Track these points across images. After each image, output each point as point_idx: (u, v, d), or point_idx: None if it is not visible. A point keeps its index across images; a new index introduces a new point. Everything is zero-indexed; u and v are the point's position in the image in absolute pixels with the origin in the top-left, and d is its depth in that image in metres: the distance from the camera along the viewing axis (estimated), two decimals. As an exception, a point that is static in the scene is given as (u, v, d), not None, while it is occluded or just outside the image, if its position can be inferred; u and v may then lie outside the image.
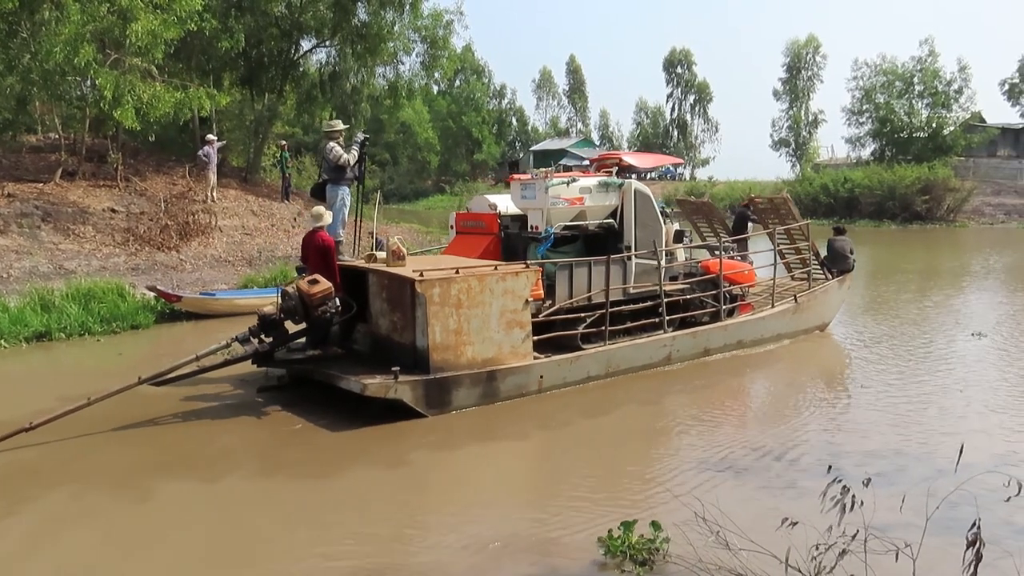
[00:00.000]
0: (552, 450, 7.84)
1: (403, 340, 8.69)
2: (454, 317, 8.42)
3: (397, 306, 8.81)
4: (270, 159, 27.11)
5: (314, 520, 5.92)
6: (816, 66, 67.04)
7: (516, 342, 8.91)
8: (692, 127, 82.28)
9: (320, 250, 9.06)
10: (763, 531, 4.84)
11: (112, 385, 7.99)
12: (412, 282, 8.30)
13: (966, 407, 8.73)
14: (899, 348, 11.93)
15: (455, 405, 8.49)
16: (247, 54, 23.99)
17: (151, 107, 16.13)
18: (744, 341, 11.54)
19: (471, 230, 11.37)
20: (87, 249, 15.99)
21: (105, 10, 15.44)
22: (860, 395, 9.44)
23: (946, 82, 49.89)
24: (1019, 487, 3.58)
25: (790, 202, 13.73)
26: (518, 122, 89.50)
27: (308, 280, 8.52)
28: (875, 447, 7.40)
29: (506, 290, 8.77)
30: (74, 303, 12.73)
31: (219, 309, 14.11)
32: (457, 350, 8.47)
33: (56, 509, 6.20)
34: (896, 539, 4.00)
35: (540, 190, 10.33)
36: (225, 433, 8.07)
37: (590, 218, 10.70)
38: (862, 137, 53.40)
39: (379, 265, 9.18)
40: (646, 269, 10.62)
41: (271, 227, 20.25)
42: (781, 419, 8.60)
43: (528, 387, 9.06)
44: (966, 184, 44.42)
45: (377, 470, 7.12)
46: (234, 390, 9.58)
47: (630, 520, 5.28)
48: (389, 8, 24.28)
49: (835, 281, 13.25)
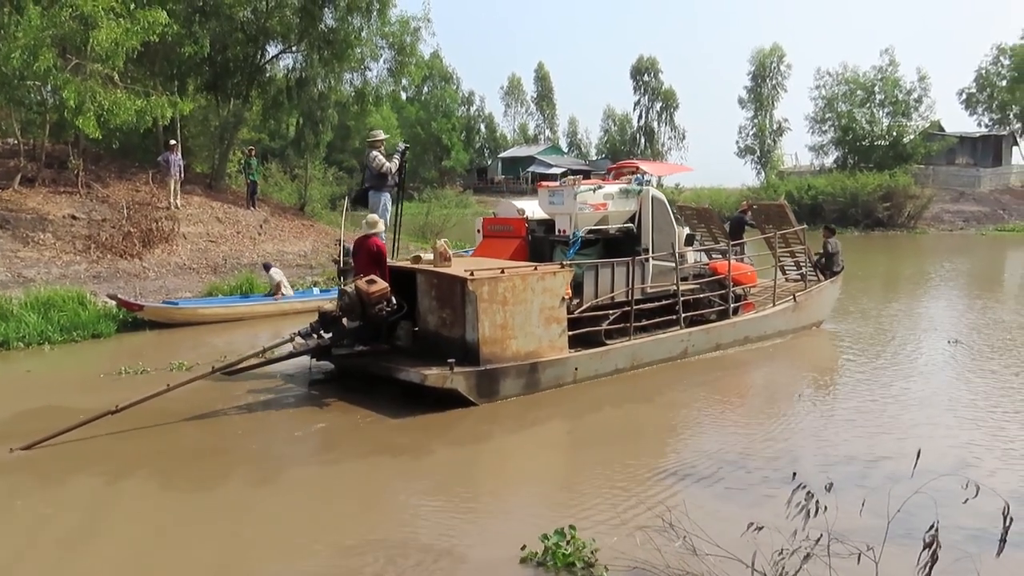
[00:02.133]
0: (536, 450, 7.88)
1: (452, 335, 9.30)
2: (500, 313, 9.12)
3: (447, 303, 9.42)
4: (236, 165, 26.79)
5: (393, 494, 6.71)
6: (780, 75, 68.00)
7: (554, 336, 9.66)
8: (659, 134, 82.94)
9: (372, 254, 9.73)
10: (730, 536, 4.88)
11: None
12: (464, 281, 8.98)
13: (935, 413, 8.84)
14: (879, 354, 12.23)
15: (502, 394, 9.17)
16: (212, 59, 23.69)
17: (112, 114, 15.85)
18: (750, 337, 12.42)
19: (499, 234, 12.01)
20: (47, 257, 15.68)
21: (67, 16, 15.18)
22: (836, 400, 9.68)
23: (906, 91, 50.90)
24: (976, 489, 3.65)
25: (787, 208, 14.49)
26: (487, 129, 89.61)
27: (366, 280, 9.09)
28: (844, 452, 7.49)
29: (545, 288, 9.52)
30: (33, 312, 12.48)
31: (182, 318, 13.91)
32: (503, 343, 9.17)
33: (147, 491, 6.63)
34: (859, 543, 4.06)
35: (568, 196, 11.01)
36: (299, 422, 8.65)
37: (612, 222, 11.41)
38: (825, 145, 54.22)
39: (427, 266, 9.81)
40: (662, 270, 11.39)
41: (237, 234, 20.02)
42: (760, 421, 8.74)
43: (564, 378, 9.80)
44: (926, 191, 45.37)
45: (450, 451, 7.85)
46: (285, 384, 10.14)
47: (560, 528, 5.23)
48: (356, 14, 24.13)
49: (828, 281, 14.13)
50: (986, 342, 12.77)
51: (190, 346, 12.41)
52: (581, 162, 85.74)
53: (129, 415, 7.92)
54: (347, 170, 59.14)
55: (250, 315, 14.68)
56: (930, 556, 3.45)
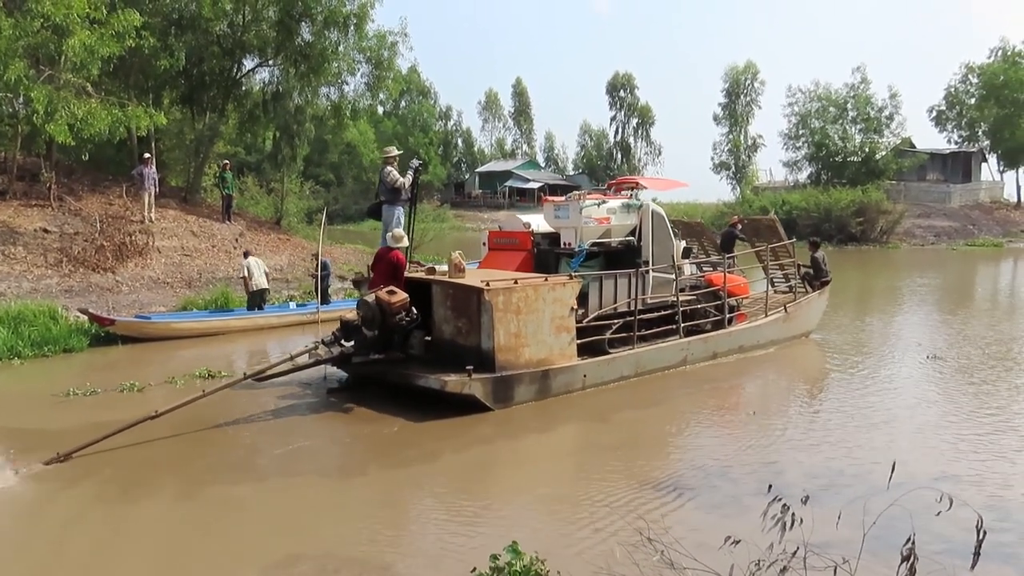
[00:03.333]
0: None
1: (468, 343, 9.62)
2: (514, 322, 9.45)
3: (463, 313, 9.74)
4: (211, 179, 26.60)
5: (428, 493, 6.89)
6: (754, 92, 68.95)
7: (564, 344, 10.03)
8: (635, 149, 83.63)
9: (392, 266, 10.11)
10: (708, 550, 4.88)
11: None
12: (480, 291, 9.30)
13: (913, 427, 8.92)
14: (860, 366, 12.38)
15: (516, 400, 9.50)
16: (188, 72, 23.58)
17: (85, 123, 15.68)
18: (744, 346, 12.89)
19: (504, 247, 12.41)
20: (17, 271, 15.46)
21: (39, 25, 15.03)
22: (820, 412, 9.80)
23: (877, 108, 51.76)
24: (950, 502, 3.68)
25: (777, 223, 15.21)
26: (464, 144, 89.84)
27: (387, 291, 9.37)
28: (824, 464, 7.54)
29: (555, 298, 9.89)
30: (2, 326, 12.27)
31: (155, 333, 13.73)
32: (517, 351, 9.50)
33: (172, 495, 6.82)
34: (836, 555, 4.08)
35: (574, 210, 11.49)
36: (321, 428, 8.93)
37: (614, 236, 11.91)
38: (799, 161, 54.97)
39: (442, 277, 10.20)
40: (661, 282, 11.88)
41: (212, 248, 19.86)
42: (747, 432, 8.81)
43: (574, 385, 10.15)
44: (898, 207, 46.11)
45: (454, 457, 8.05)
46: (304, 391, 10.43)
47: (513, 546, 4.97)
48: (333, 28, 24.15)
49: (816, 293, 14.68)
50: (964, 357, 12.87)
51: (161, 361, 12.25)
52: (558, 177, 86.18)
53: (161, 420, 8.10)
54: (324, 184, 59.17)
55: (224, 330, 14.52)
56: (908, 569, 3.47)
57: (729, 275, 13.06)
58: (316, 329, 14.75)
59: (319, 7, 23.47)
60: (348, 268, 21.57)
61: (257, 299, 15.48)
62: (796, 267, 14.86)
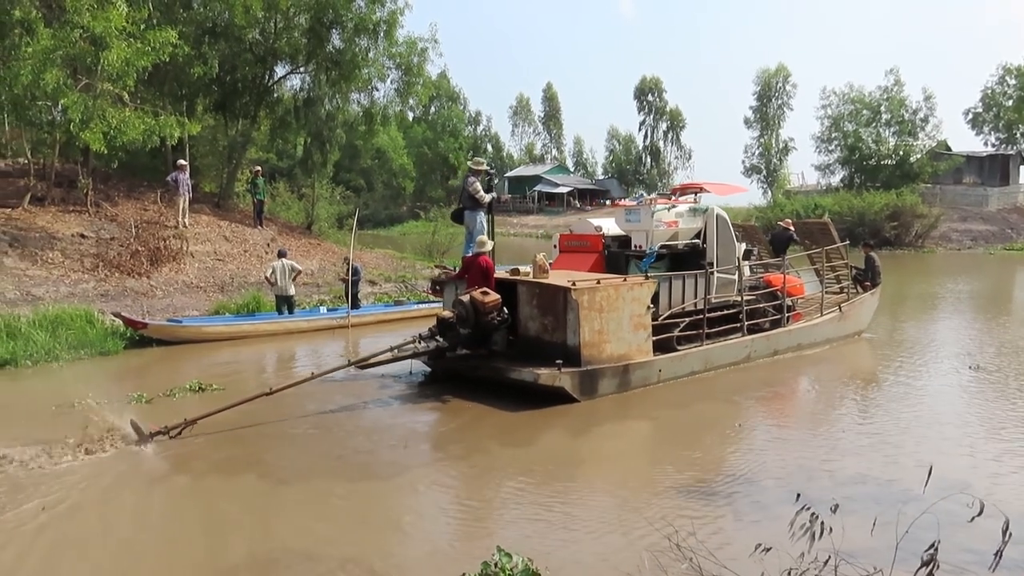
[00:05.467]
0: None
1: (554, 339, 10.17)
2: (598, 320, 9.99)
3: (548, 311, 10.32)
4: (243, 185, 26.92)
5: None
6: (786, 94, 68.41)
7: (641, 341, 10.57)
8: (665, 154, 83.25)
9: (482, 270, 10.78)
10: (738, 557, 4.83)
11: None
12: (567, 291, 9.86)
13: (950, 436, 8.70)
14: (903, 370, 12.30)
15: (600, 392, 10.05)
16: (221, 80, 23.90)
17: (119, 132, 15.97)
18: (802, 344, 13.41)
19: (576, 249, 12.99)
20: (55, 275, 15.76)
21: (77, 36, 15.34)
22: (864, 415, 9.78)
23: (912, 111, 51.06)
24: (981, 507, 3.59)
25: (830, 225, 15.79)
26: (493, 148, 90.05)
27: (481, 291, 10.05)
28: (861, 471, 7.41)
29: (634, 298, 10.43)
30: (41, 330, 12.48)
31: (186, 336, 13.92)
32: (600, 347, 10.05)
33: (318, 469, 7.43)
34: (867, 564, 4.02)
35: (646, 215, 12.23)
36: (420, 416, 9.67)
37: (681, 239, 12.42)
38: (831, 164, 54.43)
39: (527, 277, 10.77)
40: (724, 282, 12.35)
41: (244, 253, 20.10)
42: (788, 437, 8.78)
43: (650, 379, 10.72)
44: (933, 210, 45.32)
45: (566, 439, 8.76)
46: (394, 382, 11.14)
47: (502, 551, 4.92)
48: (363, 35, 24.32)
49: (868, 293, 15.27)
50: (1007, 367, 12.50)
51: (192, 364, 12.43)
52: (587, 181, 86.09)
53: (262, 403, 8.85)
54: (354, 189, 59.56)
55: (253, 333, 14.70)
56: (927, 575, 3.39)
57: (790, 276, 13.58)
58: (346, 333, 14.95)
59: (349, 14, 23.67)
60: (378, 273, 21.71)
61: (284, 303, 15.64)
62: (848, 268, 15.38)
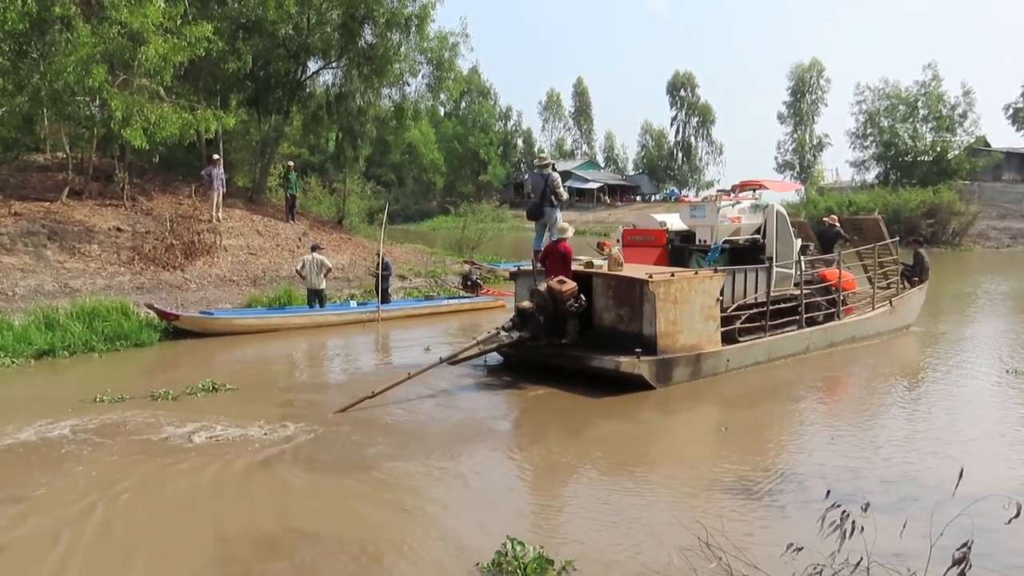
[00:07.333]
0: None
1: (629, 330, 10.51)
2: (673, 311, 10.35)
3: (624, 302, 10.66)
4: (276, 179, 27.21)
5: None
6: (820, 89, 67.69)
7: (711, 331, 10.96)
8: (696, 149, 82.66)
9: (562, 256, 10.84)
10: (768, 557, 4.79)
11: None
12: (643, 282, 10.21)
13: (991, 435, 8.49)
14: (942, 371, 12.15)
15: (674, 380, 10.41)
16: (254, 75, 24.17)
17: (158, 127, 16.22)
18: (856, 337, 13.77)
19: (640, 243, 13.22)
20: (92, 268, 16.06)
21: (115, 32, 15.59)
22: (910, 409, 9.74)
23: (950, 106, 50.11)
24: (1018, 508, 3.50)
25: (880, 222, 16.19)
26: (524, 143, 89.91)
27: (557, 280, 10.22)
28: (903, 470, 7.27)
29: (704, 290, 10.77)
30: (78, 321, 12.71)
31: (217, 328, 14.10)
32: (674, 337, 10.41)
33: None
34: (901, 566, 3.96)
35: (711, 211, 12.62)
36: (515, 402, 9.99)
37: (743, 234, 12.85)
38: (866, 160, 53.63)
39: (603, 269, 11.03)
40: (782, 276, 12.63)
41: (276, 247, 20.32)
42: (833, 432, 8.66)
43: (719, 368, 11.06)
44: (971, 208, 44.45)
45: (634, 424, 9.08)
46: (476, 372, 11.35)
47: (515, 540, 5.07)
48: (395, 30, 24.45)
49: (917, 288, 15.57)
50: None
51: (223, 355, 12.64)
52: (618, 177, 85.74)
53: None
54: (385, 184, 59.92)
55: (284, 326, 14.84)
56: (959, 574, 3.31)
57: (844, 271, 13.90)
58: (376, 327, 15.05)
59: (381, 9, 23.81)
60: (408, 268, 21.82)
61: (314, 297, 15.79)
62: (896, 264, 15.69)
